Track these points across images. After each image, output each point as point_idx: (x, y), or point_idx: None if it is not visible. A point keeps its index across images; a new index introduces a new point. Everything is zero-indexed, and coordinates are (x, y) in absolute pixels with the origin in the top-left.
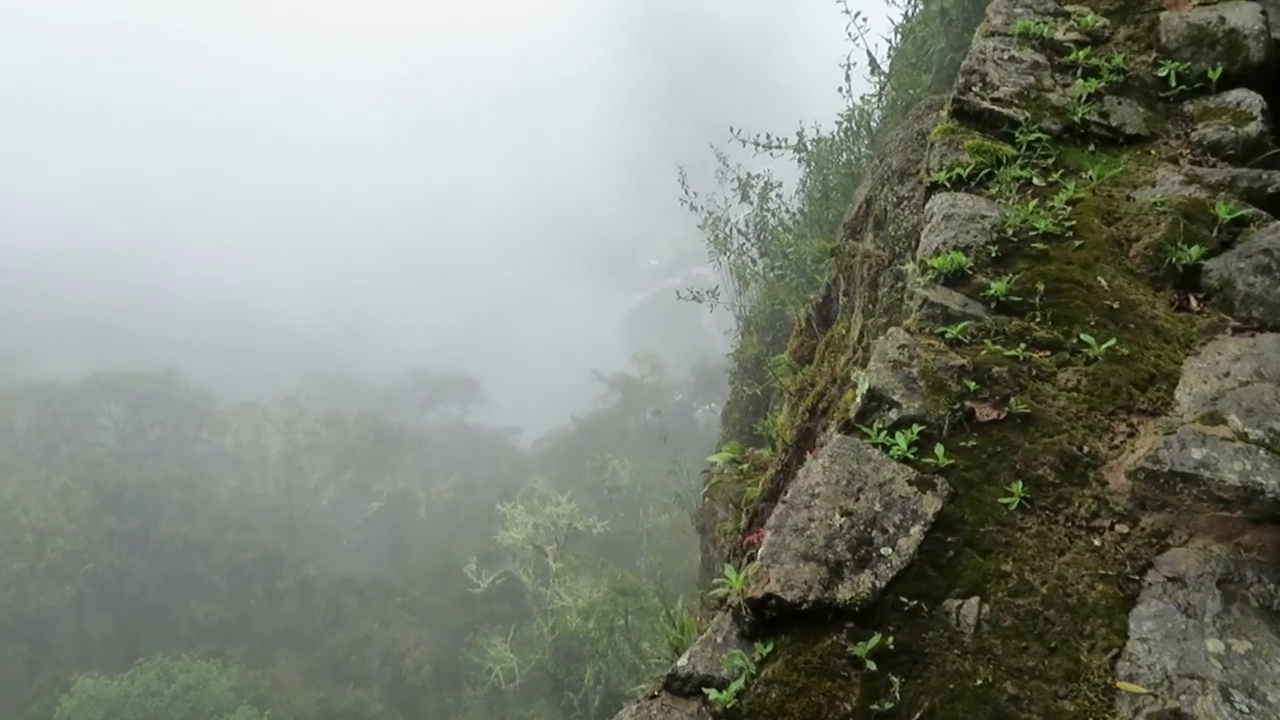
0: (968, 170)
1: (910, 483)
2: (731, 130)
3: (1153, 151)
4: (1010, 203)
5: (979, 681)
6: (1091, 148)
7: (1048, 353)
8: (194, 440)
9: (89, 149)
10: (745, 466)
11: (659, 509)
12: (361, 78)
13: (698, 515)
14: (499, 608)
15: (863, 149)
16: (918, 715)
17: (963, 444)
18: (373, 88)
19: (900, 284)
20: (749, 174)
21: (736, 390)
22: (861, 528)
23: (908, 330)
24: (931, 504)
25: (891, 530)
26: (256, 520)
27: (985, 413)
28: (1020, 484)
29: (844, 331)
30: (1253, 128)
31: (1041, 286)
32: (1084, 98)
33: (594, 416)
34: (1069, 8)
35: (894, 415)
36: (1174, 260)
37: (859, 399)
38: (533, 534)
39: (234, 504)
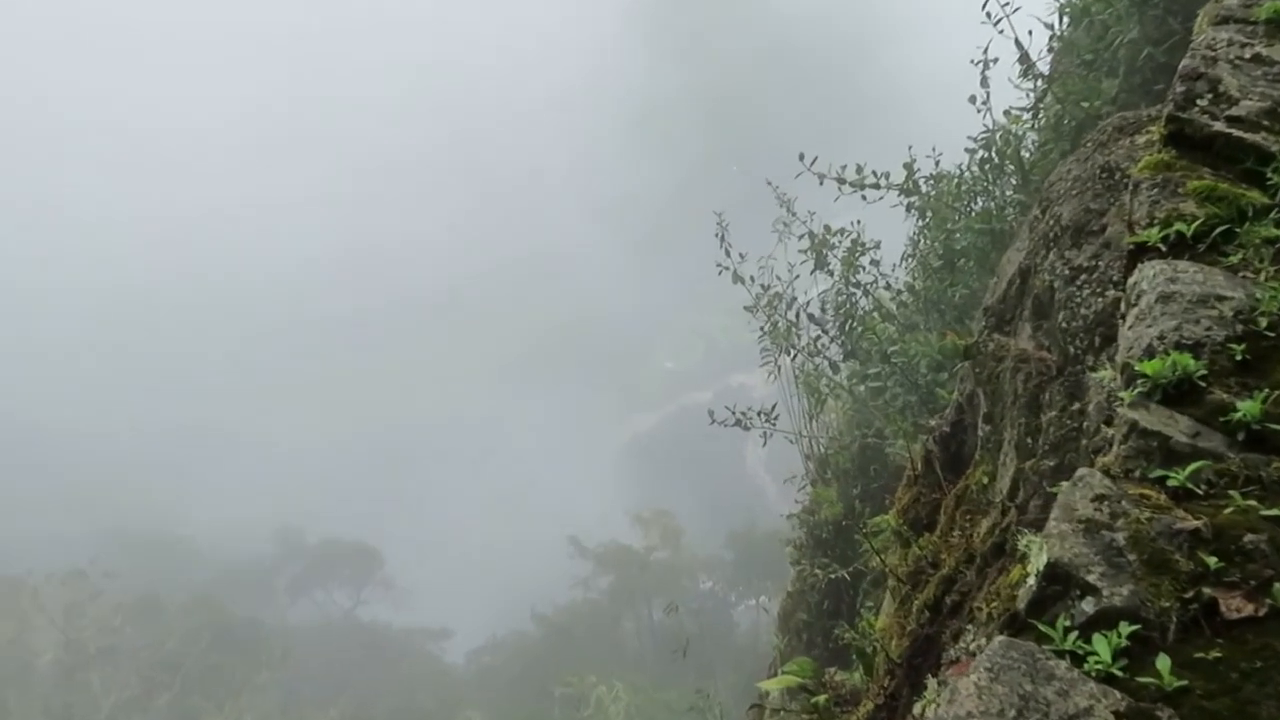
0: (1193, 227)
1: (1119, 715)
2: (801, 160)
3: None
4: (1263, 277)
5: None
6: None
7: None
8: None
9: None
10: (823, 699)
11: None
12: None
13: None
14: None
15: (1010, 192)
16: None
17: (1200, 655)
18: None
19: (1081, 404)
20: (827, 228)
21: (803, 574)
22: None
23: (1107, 473)
24: None
25: None
26: None
27: (1235, 606)
28: None
29: (985, 480)
30: None
31: None
32: None
33: (569, 613)
34: None
35: (1089, 607)
36: None
37: (1032, 581)
38: None
39: None
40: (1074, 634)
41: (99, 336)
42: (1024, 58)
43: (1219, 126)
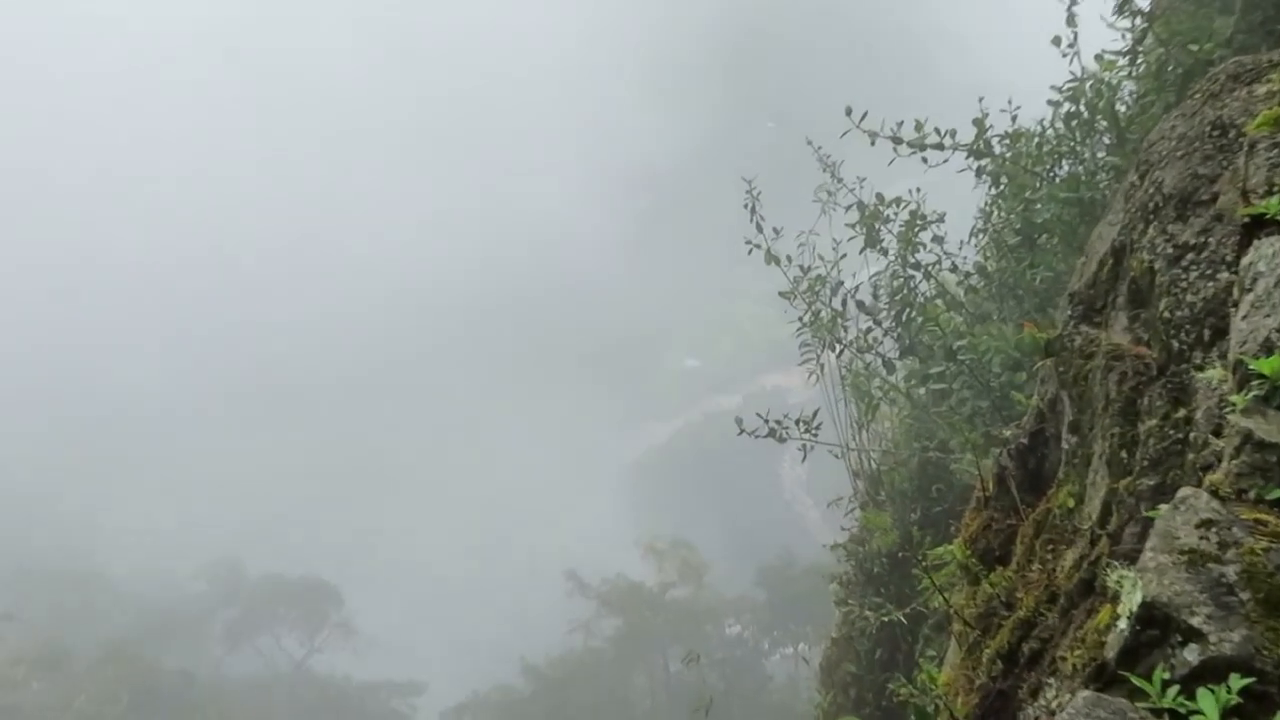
0: None
1: None
2: (849, 115)
3: None
4: None
5: None
6: None
7: None
8: None
9: None
10: None
11: None
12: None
13: None
14: None
15: (1102, 153)
16: None
17: None
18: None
19: (1187, 410)
20: (880, 197)
21: (851, 617)
22: None
23: (1215, 494)
24: None
25: None
26: None
27: None
28: None
29: (1071, 502)
30: None
31: None
32: None
33: (566, 664)
34: None
35: (1192, 656)
36: None
37: (1124, 624)
38: None
39: None
40: (1174, 688)
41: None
42: None
43: None
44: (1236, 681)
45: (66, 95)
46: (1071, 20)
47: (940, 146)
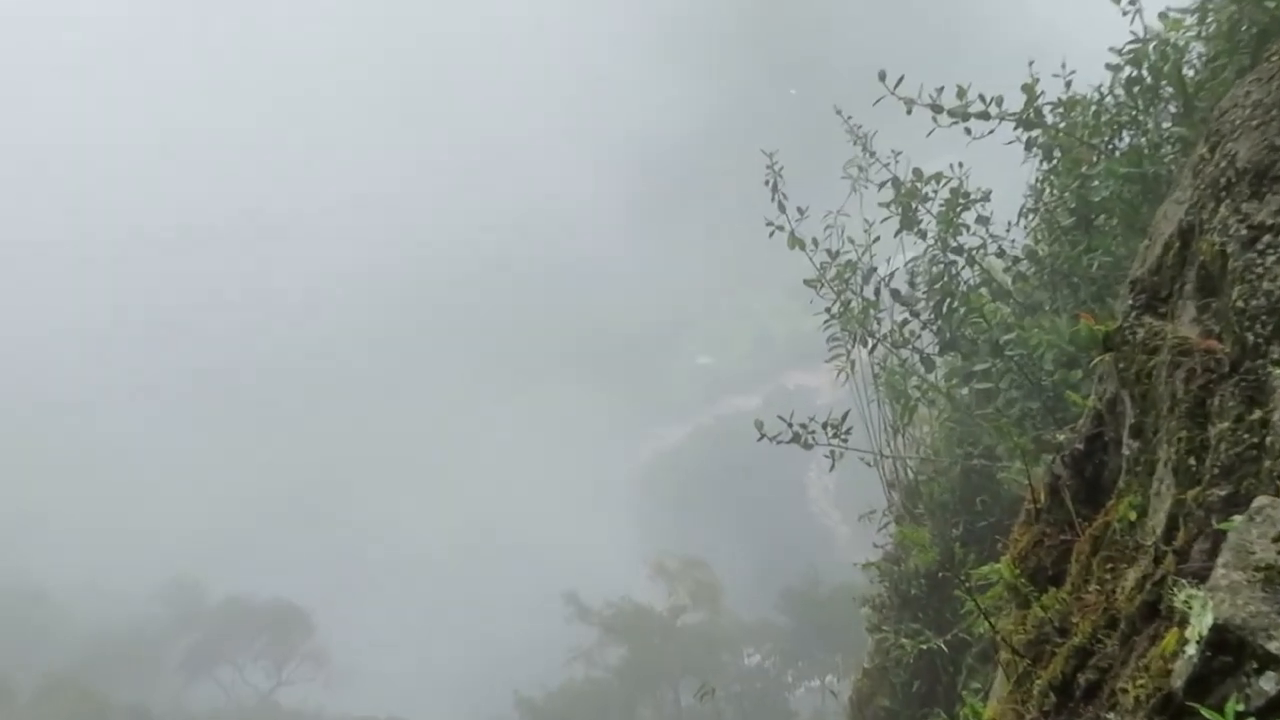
0: None
1: None
2: (883, 80)
3: None
4: None
5: None
6: None
7: None
8: None
9: None
10: None
11: None
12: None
13: None
14: None
15: (1167, 123)
16: None
17: None
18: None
19: (1264, 411)
20: (917, 173)
21: (885, 644)
22: None
23: None
24: None
25: None
26: None
27: None
28: None
29: (1133, 515)
30: None
31: None
32: None
33: (566, 697)
34: None
35: (1269, 684)
36: None
37: (1193, 649)
38: None
39: None
40: None
41: None
42: None
43: None
44: None
45: None
46: None
47: (985, 116)
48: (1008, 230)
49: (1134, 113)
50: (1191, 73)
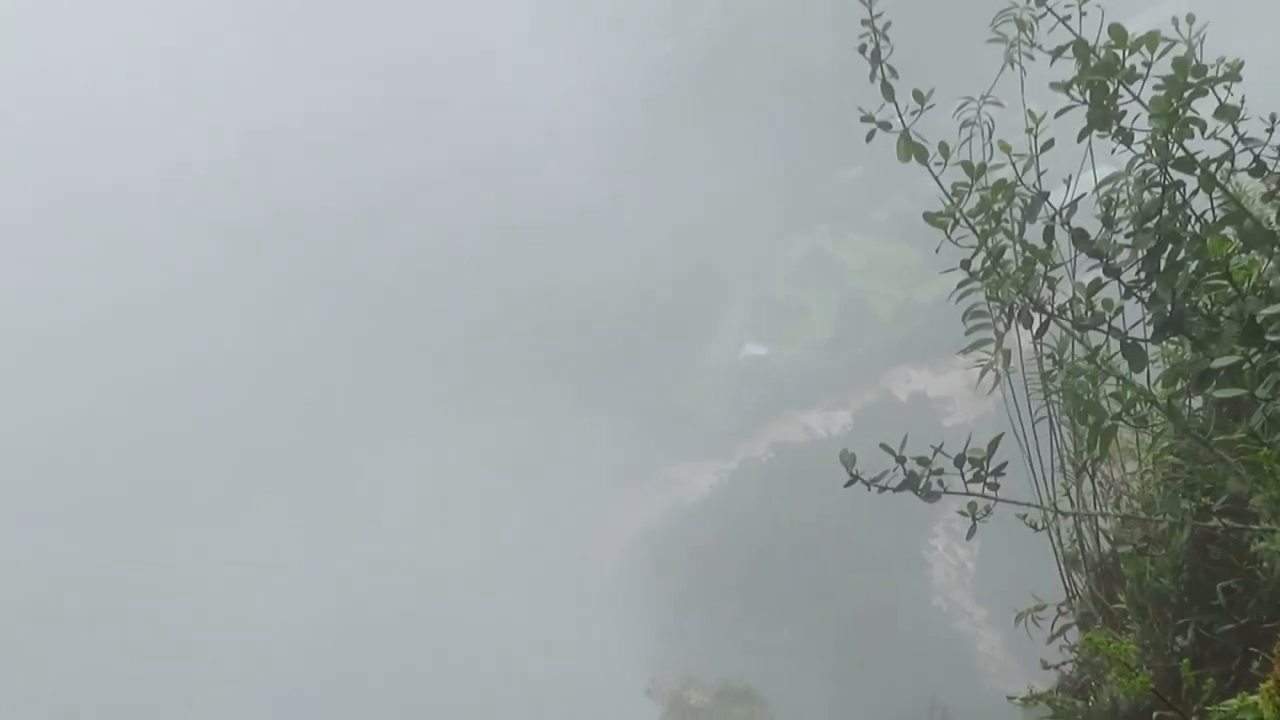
0: None
1: None
2: None
3: None
4: None
5: None
6: None
7: None
8: None
9: None
10: None
11: None
12: None
13: None
14: None
15: None
16: None
17: None
18: None
19: None
20: (1116, 31)
21: None
22: None
23: None
24: None
25: None
26: None
27: None
28: None
29: None
30: None
31: None
32: None
33: None
34: None
35: None
36: None
37: None
38: None
39: None
40: None
41: None
42: None
43: None
44: None
45: None
46: None
47: None
48: (1269, 131)
49: None
50: None
